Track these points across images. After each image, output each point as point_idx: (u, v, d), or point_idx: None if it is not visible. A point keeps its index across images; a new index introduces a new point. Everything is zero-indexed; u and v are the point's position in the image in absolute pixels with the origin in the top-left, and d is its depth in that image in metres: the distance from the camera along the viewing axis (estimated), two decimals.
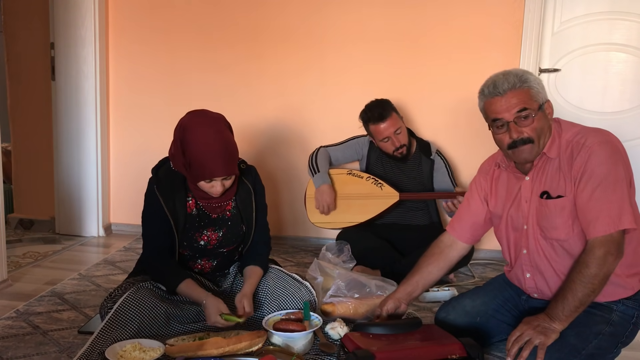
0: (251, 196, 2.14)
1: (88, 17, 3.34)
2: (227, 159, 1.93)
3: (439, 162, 2.98)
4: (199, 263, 2.16)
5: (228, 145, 1.95)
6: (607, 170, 1.63)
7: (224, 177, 1.96)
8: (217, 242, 2.11)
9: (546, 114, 1.73)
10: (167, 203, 2.01)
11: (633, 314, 1.73)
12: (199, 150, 1.90)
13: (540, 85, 1.73)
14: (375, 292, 2.28)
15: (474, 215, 1.99)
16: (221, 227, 2.11)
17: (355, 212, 2.90)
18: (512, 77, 1.71)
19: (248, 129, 3.44)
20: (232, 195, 2.10)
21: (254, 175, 2.18)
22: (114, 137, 3.60)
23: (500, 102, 1.71)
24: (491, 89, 1.72)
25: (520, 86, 1.69)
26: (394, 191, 2.88)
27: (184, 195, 2.05)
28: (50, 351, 1.94)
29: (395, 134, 2.83)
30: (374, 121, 2.83)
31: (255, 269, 2.13)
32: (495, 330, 1.94)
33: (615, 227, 1.60)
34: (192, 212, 2.07)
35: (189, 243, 2.08)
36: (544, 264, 1.79)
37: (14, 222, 3.72)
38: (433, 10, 3.19)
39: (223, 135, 1.94)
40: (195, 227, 2.07)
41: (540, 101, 1.71)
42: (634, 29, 3.05)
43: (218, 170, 1.92)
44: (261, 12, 3.36)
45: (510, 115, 1.70)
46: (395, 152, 2.88)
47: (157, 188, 2.02)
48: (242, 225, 2.15)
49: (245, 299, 1.99)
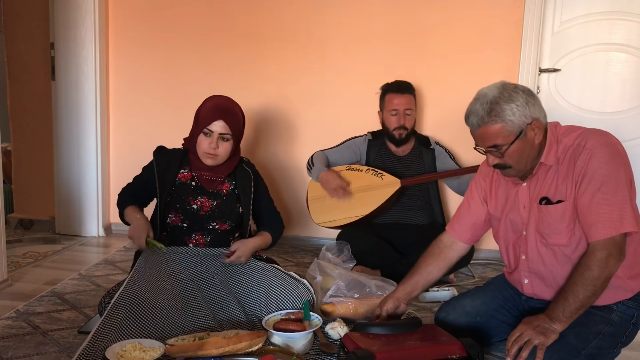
0: (251, 182, 2.30)
1: (88, 17, 3.34)
2: (229, 114, 2.16)
3: (439, 150, 3.01)
4: (193, 237, 2.22)
5: (235, 111, 2.21)
6: (608, 172, 1.62)
7: (221, 133, 2.15)
8: (209, 210, 2.21)
9: (529, 138, 1.68)
10: (158, 165, 2.23)
11: (633, 314, 1.73)
12: (206, 105, 2.21)
13: (518, 112, 1.64)
14: (375, 292, 2.28)
15: (474, 216, 1.99)
16: (216, 198, 2.24)
17: (359, 206, 2.90)
18: (481, 111, 1.66)
19: (248, 129, 3.44)
20: (227, 172, 2.25)
21: (255, 170, 2.37)
22: (114, 137, 3.61)
23: (474, 133, 1.74)
24: (465, 120, 1.74)
25: (489, 121, 1.65)
26: (394, 179, 2.88)
27: (178, 165, 2.25)
28: (50, 351, 1.94)
29: (405, 112, 2.90)
30: (392, 90, 2.92)
31: (266, 234, 2.32)
32: (495, 330, 1.94)
33: (617, 230, 1.60)
34: (186, 181, 2.24)
35: (181, 205, 2.20)
36: (543, 270, 1.79)
37: (14, 222, 3.72)
38: (433, 11, 3.19)
39: (233, 104, 2.24)
40: (189, 192, 2.22)
41: (517, 131, 1.66)
42: (634, 29, 3.05)
43: (218, 116, 2.13)
44: (261, 13, 3.36)
45: (484, 146, 1.73)
46: (396, 130, 2.90)
47: (155, 153, 2.28)
48: (238, 204, 2.25)
49: (242, 245, 2.19)
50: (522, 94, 1.67)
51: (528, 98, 1.67)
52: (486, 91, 1.70)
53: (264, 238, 2.30)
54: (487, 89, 1.70)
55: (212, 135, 2.15)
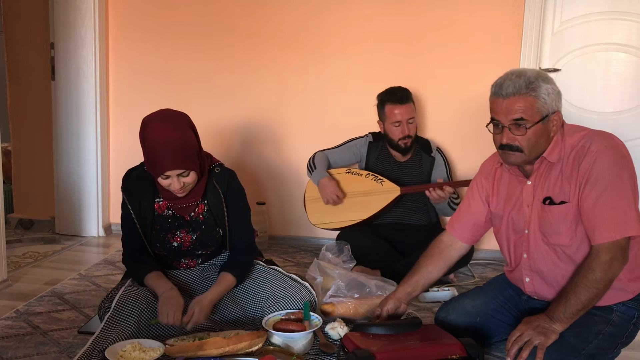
0: (221, 200, 2.09)
1: (88, 17, 3.34)
2: (179, 154, 1.90)
3: (439, 159, 2.99)
4: (183, 262, 2.17)
5: (184, 141, 1.93)
6: (612, 175, 1.62)
7: (179, 173, 1.93)
8: (190, 245, 2.10)
9: (549, 126, 1.69)
10: (133, 204, 2.05)
11: (633, 315, 1.73)
12: (154, 144, 1.92)
13: (551, 96, 1.67)
14: (375, 292, 2.28)
15: (474, 216, 1.98)
16: (195, 230, 2.09)
17: (357, 210, 2.90)
18: (521, 81, 1.66)
19: (247, 129, 3.44)
20: (198, 196, 2.06)
21: (227, 179, 2.12)
22: (114, 137, 3.60)
23: (501, 104, 1.69)
24: (497, 88, 1.70)
25: (526, 93, 1.65)
26: (394, 186, 2.88)
27: (152, 196, 2.07)
28: (50, 351, 1.94)
29: (408, 122, 2.86)
30: (393, 101, 2.86)
31: (227, 276, 2.06)
32: (495, 330, 1.94)
33: (621, 234, 1.60)
34: (162, 213, 2.08)
35: (162, 244, 2.08)
36: (545, 269, 1.78)
37: (14, 222, 3.72)
38: (432, 11, 3.18)
39: (180, 131, 1.94)
40: (166, 229, 2.07)
41: (544, 113, 1.67)
42: (634, 29, 3.04)
43: (170, 164, 1.89)
44: (261, 13, 3.35)
45: (506, 119, 1.69)
46: (401, 140, 2.88)
47: (123, 188, 2.08)
48: (217, 228, 2.12)
49: (198, 306, 1.94)
50: (555, 85, 1.71)
51: (559, 91, 1.72)
52: (524, 69, 1.72)
53: (223, 285, 2.04)
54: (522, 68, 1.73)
55: (170, 177, 1.94)
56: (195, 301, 1.97)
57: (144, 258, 2.09)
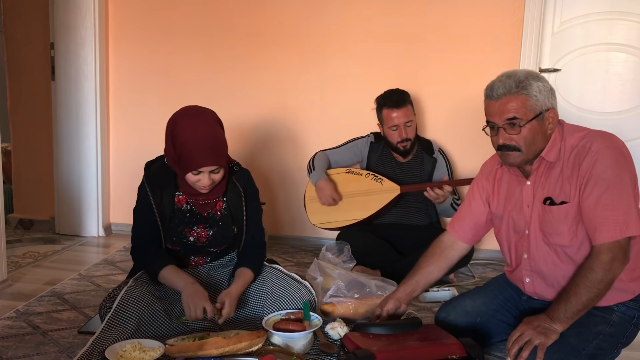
0: (241, 198, 2.13)
1: (88, 17, 3.34)
2: (215, 150, 1.94)
3: (441, 160, 2.99)
4: (193, 259, 2.18)
5: (216, 138, 1.97)
6: (613, 176, 1.62)
7: (211, 170, 1.96)
8: (206, 240, 2.11)
9: (544, 124, 1.70)
10: (155, 196, 2.04)
11: (634, 315, 1.73)
12: (187, 141, 1.93)
13: (543, 93, 1.68)
14: (375, 292, 2.28)
15: (475, 217, 1.98)
16: (212, 226, 2.11)
17: (356, 210, 2.90)
18: (511, 82, 1.67)
19: (248, 129, 3.44)
20: (220, 194, 2.10)
21: (246, 179, 2.18)
22: (114, 137, 3.60)
23: (494, 106, 1.71)
24: (489, 91, 1.72)
25: (516, 92, 1.66)
26: (394, 185, 2.87)
27: (173, 190, 2.07)
28: (50, 351, 1.93)
29: (406, 125, 2.85)
30: (389, 106, 2.85)
31: (246, 271, 2.10)
32: (496, 331, 1.94)
33: (622, 234, 1.60)
34: (182, 207, 2.09)
35: (178, 238, 2.09)
36: (545, 270, 1.78)
37: (14, 222, 3.72)
38: (433, 11, 3.18)
39: (211, 128, 1.98)
40: (184, 223, 2.08)
41: (538, 110, 1.67)
42: (634, 29, 3.04)
43: (205, 160, 1.92)
44: (261, 13, 3.35)
45: (500, 120, 1.70)
46: (400, 143, 2.87)
47: (146, 181, 2.06)
48: (233, 226, 2.14)
49: (227, 298, 1.95)
50: (547, 82, 1.72)
51: (551, 87, 1.72)
52: (514, 70, 1.73)
53: (245, 279, 2.09)
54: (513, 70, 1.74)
55: (202, 173, 1.95)
56: (224, 293, 1.98)
57: (158, 251, 2.08)
